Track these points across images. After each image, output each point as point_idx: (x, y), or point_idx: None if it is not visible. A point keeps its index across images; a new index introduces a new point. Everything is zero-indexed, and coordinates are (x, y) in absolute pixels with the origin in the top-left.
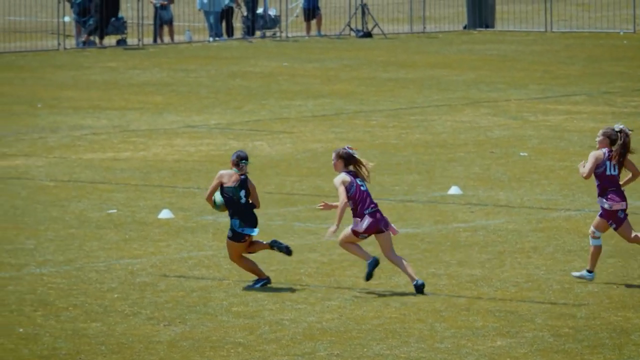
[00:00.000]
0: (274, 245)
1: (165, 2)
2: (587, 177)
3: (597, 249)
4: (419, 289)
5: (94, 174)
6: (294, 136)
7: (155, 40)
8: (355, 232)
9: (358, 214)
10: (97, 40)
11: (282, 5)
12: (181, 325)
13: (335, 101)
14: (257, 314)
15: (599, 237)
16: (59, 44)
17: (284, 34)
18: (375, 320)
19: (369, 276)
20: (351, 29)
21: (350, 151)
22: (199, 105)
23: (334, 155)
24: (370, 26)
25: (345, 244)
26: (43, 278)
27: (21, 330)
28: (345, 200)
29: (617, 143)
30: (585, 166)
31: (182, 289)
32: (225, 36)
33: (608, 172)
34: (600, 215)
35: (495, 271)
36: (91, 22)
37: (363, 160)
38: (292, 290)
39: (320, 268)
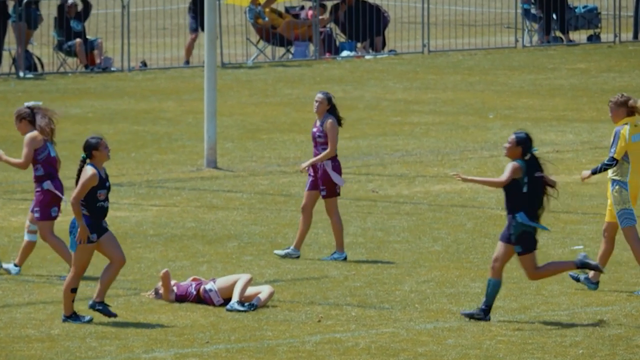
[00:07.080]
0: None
1: None
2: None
3: None
4: None
5: (555, 202)
6: None
7: (635, 37)
8: None
9: None
10: (561, 35)
11: None
12: None
13: None
14: None
15: None
16: (516, 40)
17: None
18: None
19: None
20: None
21: None
22: None
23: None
24: None
25: None
26: (491, 329)
27: None
28: None
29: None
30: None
31: None
32: None
33: None
34: None
35: None
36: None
37: None
38: None
39: None
